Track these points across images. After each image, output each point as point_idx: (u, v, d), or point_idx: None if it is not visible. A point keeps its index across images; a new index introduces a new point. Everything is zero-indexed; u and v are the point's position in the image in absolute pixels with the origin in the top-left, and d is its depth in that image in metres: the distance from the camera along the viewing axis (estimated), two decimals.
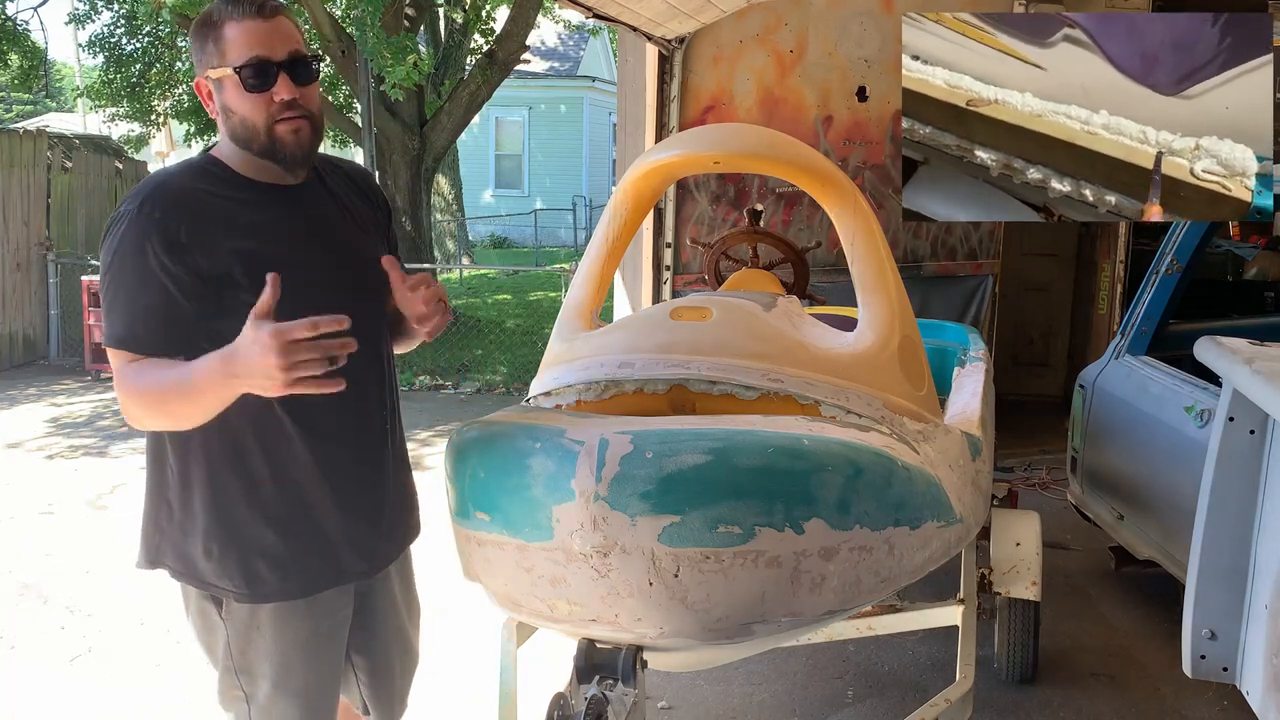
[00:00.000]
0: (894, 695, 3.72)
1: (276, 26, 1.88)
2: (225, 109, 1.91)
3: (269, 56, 1.86)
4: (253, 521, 1.95)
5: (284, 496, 1.97)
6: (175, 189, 1.89)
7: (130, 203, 1.87)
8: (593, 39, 24.47)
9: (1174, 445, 3.70)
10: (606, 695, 1.93)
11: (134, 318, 1.83)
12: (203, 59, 1.91)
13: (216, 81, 1.90)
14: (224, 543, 1.95)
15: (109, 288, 1.86)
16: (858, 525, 1.97)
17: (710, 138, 2.54)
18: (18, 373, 9.85)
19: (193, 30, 1.93)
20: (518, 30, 11.60)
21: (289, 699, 2.02)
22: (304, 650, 2.02)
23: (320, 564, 2.01)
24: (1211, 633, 2.30)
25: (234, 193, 1.93)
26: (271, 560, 1.96)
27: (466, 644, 3.98)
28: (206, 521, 1.95)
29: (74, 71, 29.87)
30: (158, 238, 1.82)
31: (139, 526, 2.06)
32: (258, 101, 1.87)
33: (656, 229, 5.90)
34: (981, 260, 6.47)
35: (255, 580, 1.96)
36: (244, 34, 1.85)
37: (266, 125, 1.89)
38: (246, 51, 1.85)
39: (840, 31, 5.98)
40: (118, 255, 1.84)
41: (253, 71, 1.85)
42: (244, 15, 1.86)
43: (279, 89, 1.87)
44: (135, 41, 13.11)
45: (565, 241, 23.35)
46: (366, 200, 2.17)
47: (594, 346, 2.33)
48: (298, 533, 1.98)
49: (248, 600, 1.97)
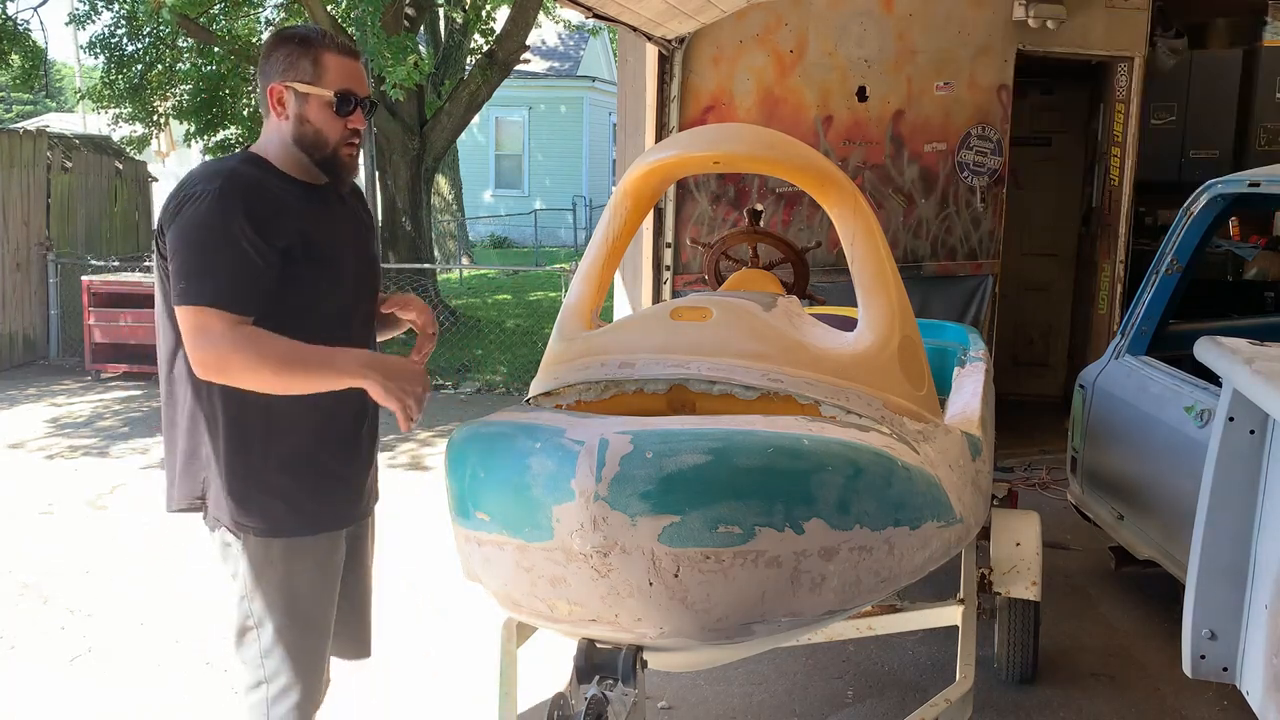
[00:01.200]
0: (894, 695, 3.72)
1: (360, 69, 2.29)
2: (301, 118, 2.22)
3: (356, 92, 2.26)
4: (273, 467, 2.23)
5: (299, 448, 2.26)
6: (244, 175, 2.18)
7: (206, 184, 2.12)
8: (593, 39, 24.48)
9: (1174, 445, 3.70)
10: (606, 695, 1.93)
11: (229, 281, 2.08)
12: (289, 71, 2.22)
13: (301, 95, 2.21)
14: (246, 483, 2.22)
15: (197, 254, 2.08)
16: (858, 525, 1.97)
17: (710, 138, 2.54)
18: (18, 373, 9.85)
19: (280, 42, 2.25)
20: (518, 30, 11.61)
21: (297, 627, 2.28)
22: (311, 583, 2.29)
23: (327, 508, 2.31)
24: (1211, 633, 2.30)
25: (285, 185, 2.23)
26: (287, 500, 2.24)
27: (466, 644, 3.98)
28: (234, 465, 2.22)
29: (74, 72, 29.88)
30: (242, 214, 2.09)
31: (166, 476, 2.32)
32: (338, 124, 2.24)
33: (656, 229, 5.90)
34: (981, 260, 6.47)
35: (270, 517, 2.23)
36: (343, 67, 2.23)
37: (336, 144, 2.26)
38: (342, 82, 2.23)
39: (840, 31, 5.98)
40: (204, 227, 2.08)
41: (343, 100, 2.23)
42: (342, 52, 2.25)
43: (355, 119, 2.26)
44: (136, 42, 13.10)
45: (565, 241, 23.36)
46: (365, 209, 2.52)
47: (594, 346, 2.34)
48: (309, 478, 2.27)
49: (264, 534, 2.23)
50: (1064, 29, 6.31)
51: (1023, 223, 7.33)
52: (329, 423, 2.29)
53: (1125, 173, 6.77)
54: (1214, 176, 4.21)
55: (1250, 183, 3.93)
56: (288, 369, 2.10)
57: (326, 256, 2.23)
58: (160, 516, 5.61)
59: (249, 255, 2.09)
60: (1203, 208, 4.16)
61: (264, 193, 2.16)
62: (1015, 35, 6.30)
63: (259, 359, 2.07)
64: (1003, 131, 6.38)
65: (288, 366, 2.10)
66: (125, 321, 9.44)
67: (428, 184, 12.47)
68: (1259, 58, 7.76)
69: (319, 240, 2.22)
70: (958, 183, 6.34)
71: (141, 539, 5.27)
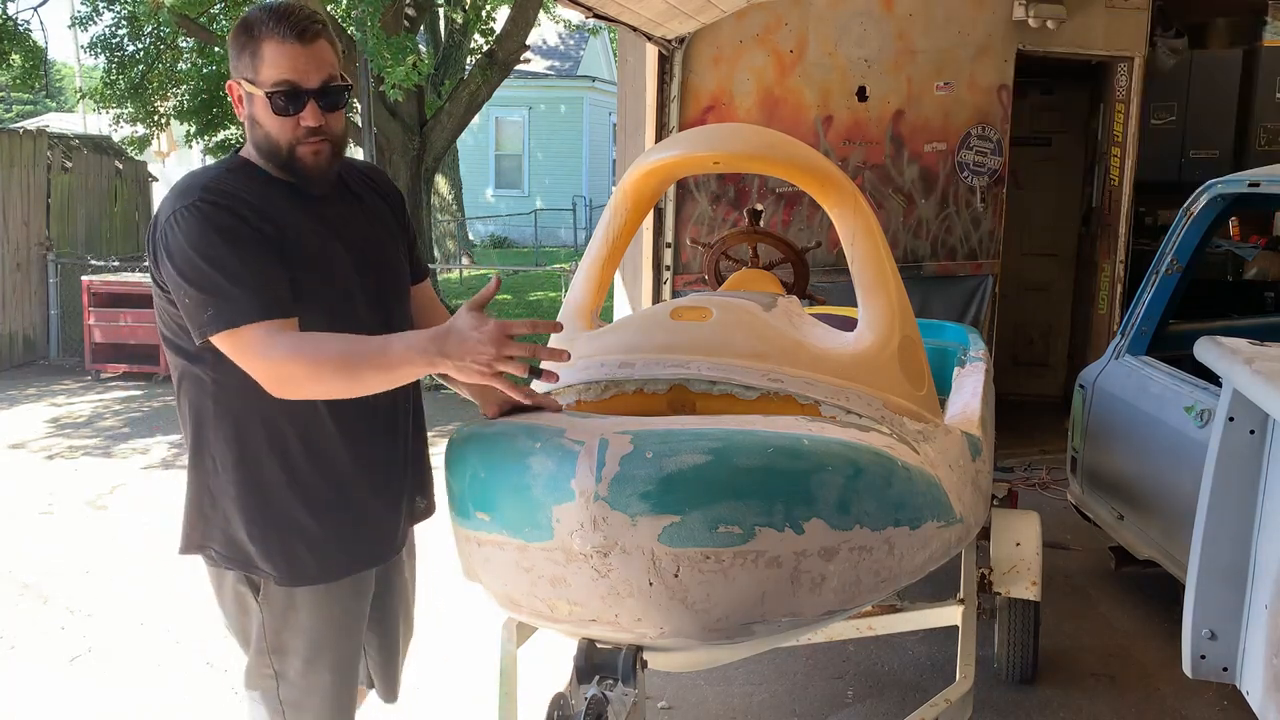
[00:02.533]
0: (894, 695, 3.72)
1: (314, 52, 1.93)
2: (252, 120, 1.98)
3: (300, 84, 1.92)
4: (292, 508, 2.03)
5: (321, 485, 2.05)
6: (218, 182, 1.96)
7: (183, 199, 1.90)
8: (593, 39, 24.47)
9: (1174, 445, 3.70)
10: (606, 695, 1.93)
11: (263, 287, 1.87)
12: (238, 65, 1.96)
13: (249, 94, 1.96)
14: (265, 528, 2.02)
15: (211, 272, 1.86)
16: (858, 525, 1.97)
17: (710, 138, 2.54)
18: (18, 373, 9.85)
19: (233, 33, 1.98)
20: (518, 30, 11.60)
21: (320, 674, 2.11)
22: (336, 628, 2.11)
23: (353, 548, 2.11)
24: (1211, 633, 2.30)
25: (265, 187, 2.00)
26: (310, 544, 2.04)
27: (466, 644, 3.98)
28: (249, 508, 2.02)
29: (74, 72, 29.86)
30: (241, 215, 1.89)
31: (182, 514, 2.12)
32: (284, 124, 1.94)
33: (656, 229, 5.90)
34: (981, 260, 6.47)
35: (295, 562, 2.04)
36: (281, 57, 1.90)
37: (289, 146, 1.96)
38: (279, 75, 1.91)
39: (840, 31, 5.98)
40: (203, 240, 1.86)
41: (283, 97, 1.92)
42: (285, 37, 1.90)
43: (306, 115, 1.94)
44: (137, 43, 13.10)
45: (565, 241, 23.35)
46: (383, 198, 2.23)
47: (594, 347, 2.34)
48: (333, 519, 2.06)
49: (287, 583, 2.05)
50: (1064, 29, 6.31)
51: (1023, 223, 7.32)
52: (355, 449, 2.06)
53: (1125, 173, 6.77)
54: (1214, 176, 4.21)
55: (1250, 183, 3.92)
56: (348, 367, 1.84)
57: (310, 256, 1.98)
58: (160, 516, 5.63)
59: (268, 254, 1.90)
60: (1203, 208, 4.16)
61: (244, 191, 1.95)
62: (1015, 35, 6.30)
63: (316, 363, 1.84)
64: (1003, 131, 6.38)
65: (348, 364, 1.84)
66: (125, 321, 9.44)
67: (428, 184, 12.46)
68: (1259, 58, 7.76)
69: (300, 239, 1.97)
70: (958, 183, 6.34)
71: (141, 539, 5.26)
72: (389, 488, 2.17)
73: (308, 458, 2.03)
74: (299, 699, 2.11)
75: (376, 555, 2.17)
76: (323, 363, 1.84)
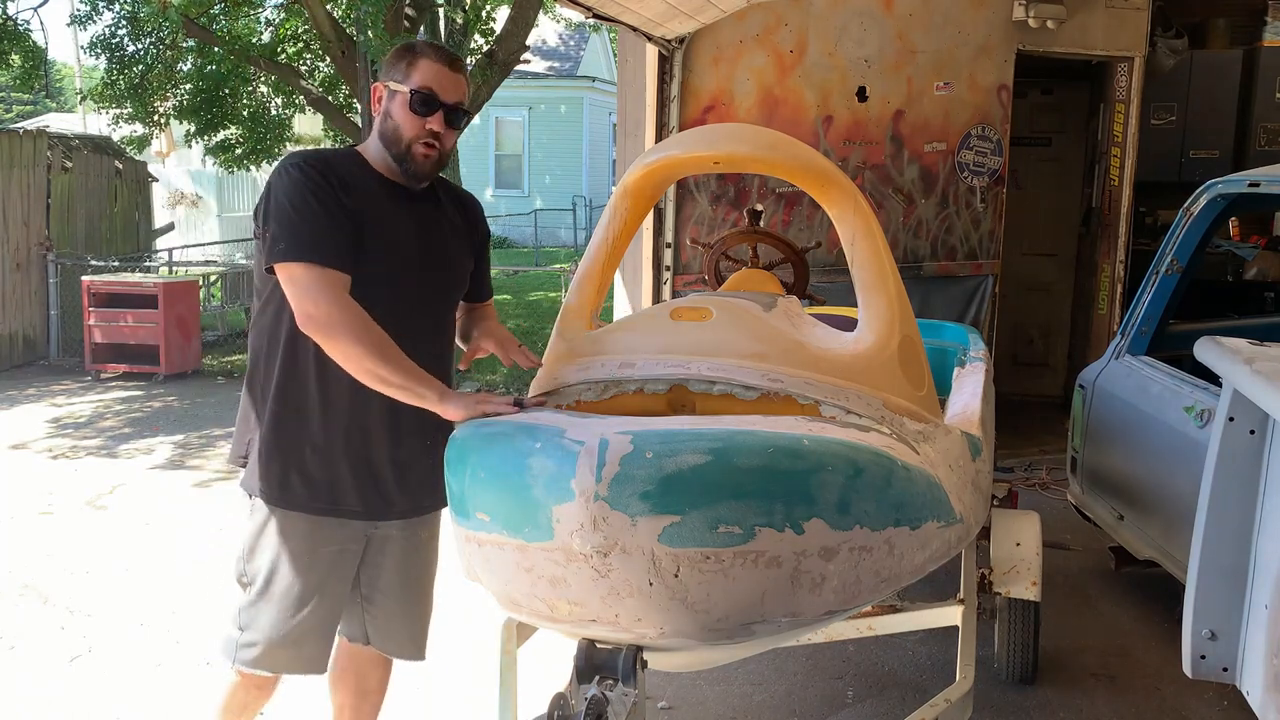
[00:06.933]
0: (894, 695, 3.72)
1: (456, 79, 2.40)
2: (387, 113, 2.38)
3: (439, 95, 2.36)
4: (303, 444, 2.37)
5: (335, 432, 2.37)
6: (329, 158, 2.39)
7: (291, 159, 2.31)
8: (593, 38, 24.47)
9: (1174, 445, 3.70)
10: (606, 695, 1.93)
11: (325, 238, 2.22)
12: (391, 73, 2.40)
13: (392, 91, 2.37)
14: (273, 448, 2.38)
15: (289, 214, 2.23)
16: (858, 525, 1.97)
17: (710, 138, 2.54)
18: (18, 373, 9.85)
19: (394, 51, 2.43)
20: (518, 30, 11.60)
21: (269, 602, 2.41)
22: (294, 563, 2.39)
23: (346, 494, 2.40)
24: (1211, 633, 2.30)
25: (366, 173, 2.39)
26: (305, 477, 2.37)
27: (466, 644, 3.98)
28: (271, 429, 2.38)
29: (74, 72, 29.86)
30: (321, 180, 2.26)
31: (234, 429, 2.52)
32: (414, 121, 2.35)
33: (656, 229, 5.90)
34: (981, 260, 6.47)
35: (284, 487, 2.37)
36: (432, 71, 2.36)
37: (409, 141, 2.37)
38: (425, 82, 2.35)
39: (840, 31, 5.98)
40: (296, 192, 2.24)
41: (422, 99, 2.35)
42: (439, 60, 2.38)
43: (433, 120, 2.36)
44: (137, 43, 13.08)
45: (565, 241, 23.35)
46: (466, 220, 2.61)
47: (594, 347, 2.34)
48: (334, 463, 2.38)
49: (271, 501, 2.39)
50: (1064, 29, 6.31)
51: (1023, 223, 7.32)
52: (369, 410, 2.36)
53: (1125, 173, 6.77)
54: (1214, 176, 4.21)
55: (1250, 183, 3.93)
56: (384, 360, 2.16)
57: (381, 238, 2.32)
58: (160, 516, 5.64)
59: (339, 218, 2.24)
60: (1203, 208, 4.16)
61: (341, 169, 2.33)
62: (1015, 35, 6.31)
63: (361, 334, 2.16)
64: (1003, 131, 6.38)
65: (384, 358, 2.16)
66: (125, 321, 9.45)
67: None
68: (1259, 58, 7.76)
69: (379, 222, 2.32)
70: (958, 183, 6.35)
71: (141, 539, 5.27)
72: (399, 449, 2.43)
73: (332, 404, 2.35)
74: (252, 609, 2.42)
75: (368, 510, 2.44)
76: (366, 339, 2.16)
